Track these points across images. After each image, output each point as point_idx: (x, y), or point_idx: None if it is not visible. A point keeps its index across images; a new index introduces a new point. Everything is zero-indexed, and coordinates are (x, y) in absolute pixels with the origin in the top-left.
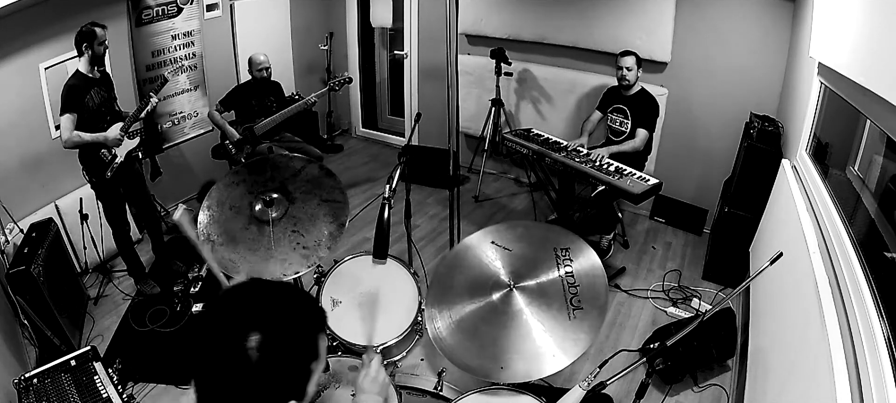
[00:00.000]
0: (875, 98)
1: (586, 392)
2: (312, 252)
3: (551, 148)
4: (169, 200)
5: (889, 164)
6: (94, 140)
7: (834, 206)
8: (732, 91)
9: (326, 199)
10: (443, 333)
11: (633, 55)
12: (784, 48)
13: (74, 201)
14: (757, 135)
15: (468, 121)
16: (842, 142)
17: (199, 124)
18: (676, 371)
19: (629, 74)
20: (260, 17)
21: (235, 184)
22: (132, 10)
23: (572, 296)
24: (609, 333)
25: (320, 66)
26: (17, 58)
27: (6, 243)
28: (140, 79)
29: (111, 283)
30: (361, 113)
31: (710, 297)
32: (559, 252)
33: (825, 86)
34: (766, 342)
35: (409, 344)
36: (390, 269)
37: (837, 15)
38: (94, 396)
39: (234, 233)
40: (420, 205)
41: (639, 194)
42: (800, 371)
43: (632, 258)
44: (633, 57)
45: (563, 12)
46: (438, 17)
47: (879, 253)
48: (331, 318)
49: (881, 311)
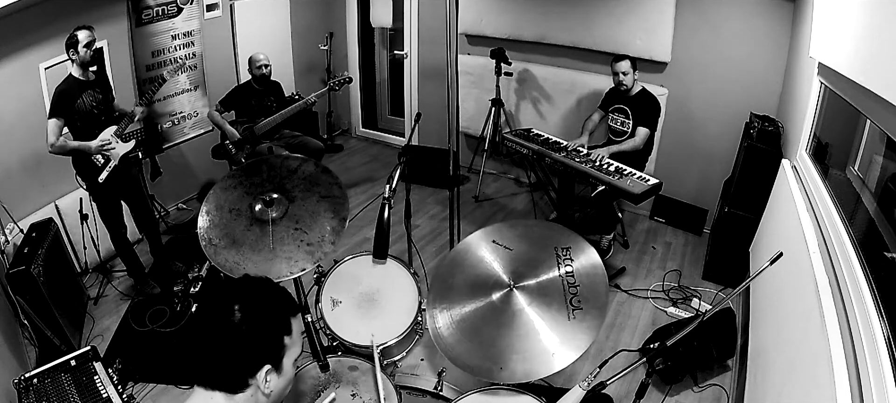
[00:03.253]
0: (875, 98)
1: (586, 392)
2: (317, 248)
3: (551, 148)
4: (169, 200)
5: (889, 164)
6: (80, 148)
7: (834, 206)
8: (732, 91)
9: (325, 196)
10: (443, 333)
11: (627, 59)
12: (784, 48)
13: (74, 201)
14: (757, 135)
15: (468, 121)
16: (842, 142)
17: (199, 124)
18: (676, 371)
19: (626, 79)
20: (260, 17)
21: (233, 187)
22: (132, 10)
23: (572, 296)
24: (609, 333)
25: (320, 66)
26: (17, 58)
27: (6, 243)
28: (140, 79)
29: (111, 283)
30: (361, 113)
31: (710, 297)
32: (560, 251)
33: (825, 86)
34: (766, 342)
35: (409, 344)
36: (390, 269)
37: (837, 15)
38: (94, 396)
39: (236, 236)
40: (420, 205)
41: (639, 194)
42: (800, 371)
43: (632, 258)
44: (627, 61)
45: (564, 12)
46: (438, 17)
47: (879, 253)
48: (331, 318)
49: (881, 311)
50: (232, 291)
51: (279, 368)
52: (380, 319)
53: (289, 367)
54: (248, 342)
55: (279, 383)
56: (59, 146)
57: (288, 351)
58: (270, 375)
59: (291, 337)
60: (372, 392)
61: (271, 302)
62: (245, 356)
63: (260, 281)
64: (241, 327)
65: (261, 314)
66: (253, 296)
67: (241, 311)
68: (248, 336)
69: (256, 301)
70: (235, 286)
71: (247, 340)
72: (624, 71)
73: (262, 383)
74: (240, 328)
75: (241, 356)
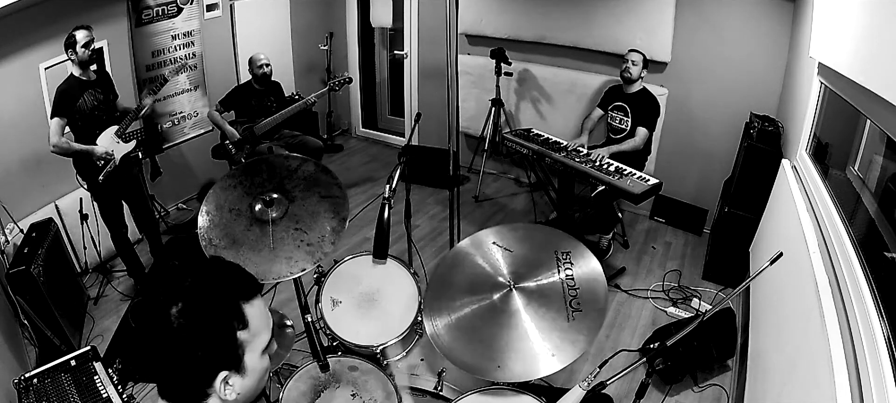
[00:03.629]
0: (875, 98)
1: (586, 392)
2: (317, 248)
3: (551, 148)
4: (169, 200)
5: (889, 164)
6: (83, 150)
7: (834, 206)
8: (732, 91)
9: (325, 196)
10: (442, 333)
11: (642, 54)
12: (784, 48)
13: (74, 201)
14: (757, 135)
15: (468, 121)
16: (842, 142)
17: (199, 124)
18: (676, 371)
19: (633, 69)
20: (260, 17)
21: (233, 187)
22: (132, 10)
23: (571, 298)
24: (609, 333)
25: (320, 65)
26: (17, 58)
27: (6, 243)
28: (140, 79)
29: (111, 284)
30: (361, 113)
31: (710, 297)
32: (560, 255)
33: (825, 86)
34: (766, 342)
35: (409, 344)
36: (390, 269)
37: (837, 15)
38: (94, 396)
39: (236, 236)
40: (420, 205)
41: (639, 194)
42: (800, 371)
43: (632, 258)
44: (641, 55)
45: (564, 12)
46: (438, 17)
47: (879, 253)
48: (331, 318)
49: (881, 311)
50: (167, 287)
51: (240, 369)
52: (380, 319)
53: (255, 363)
54: (193, 352)
55: (246, 383)
56: (61, 147)
57: (248, 346)
58: (232, 379)
59: (249, 330)
60: (372, 392)
61: (214, 293)
62: (193, 369)
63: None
64: (181, 335)
65: (202, 313)
66: (191, 292)
67: (178, 316)
68: (190, 345)
69: (196, 297)
70: (171, 278)
71: (190, 350)
72: (634, 61)
73: (220, 392)
74: (178, 337)
75: (189, 369)
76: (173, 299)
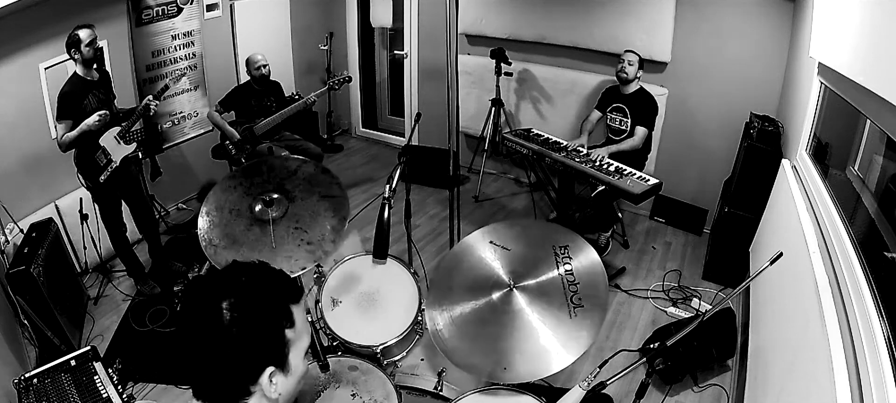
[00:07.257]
0: (875, 98)
1: (586, 392)
2: (317, 247)
3: (551, 148)
4: (169, 200)
5: (889, 164)
6: (81, 131)
7: (834, 206)
8: (732, 91)
9: (325, 195)
10: (443, 333)
11: (638, 55)
12: (784, 48)
13: (74, 201)
14: (757, 135)
15: (468, 121)
16: (842, 142)
17: (199, 124)
18: (676, 371)
19: (629, 69)
20: (260, 16)
21: (233, 188)
22: (132, 10)
23: (573, 294)
24: (609, 333)
25: (320, 66)
26: (17, 58)
27: (6, 243)
28: (140, 79)
29: (111, 283)
30: (361, 113)
31: (710, 297)
32: (558, 250)
33: (825, 86)
34: (766, 342)
35: (409, 344)
36: (390, 269)
37: (837, 15)
38: (94, 396)
39: (236, 236)
40: (420, 205)
41: (639, 194)
42: (800, 371)
43: (632, 258)
44: (637, 56)
45: (563, 12)
46: (438, 17)
47: (879, 253)
48: (331, 318)
49: (881, 311)
50: (218, 285)
51: (285, 367)
52: (380, 319)
53: (297, 363)
54: (244, 345)
55: (288, 383)
56: (69, 139)
57: (293, 346)
58: (276, 376)
59: (295, 329)
60: (372, 392)
61: (267, 291)
62: (242, 362)
63: (250, 267)
64: (232, 329)
65: (256, 309)
66: (244, 288)
67: (230, 309)
68: (242, 338)
69: (249, 293)
70: (222, 278)
71: (242, 344)
72: (630, 61)
73: (267, 388)
74: (230, 330)
75: (238, 363)
76: (225, 294)
